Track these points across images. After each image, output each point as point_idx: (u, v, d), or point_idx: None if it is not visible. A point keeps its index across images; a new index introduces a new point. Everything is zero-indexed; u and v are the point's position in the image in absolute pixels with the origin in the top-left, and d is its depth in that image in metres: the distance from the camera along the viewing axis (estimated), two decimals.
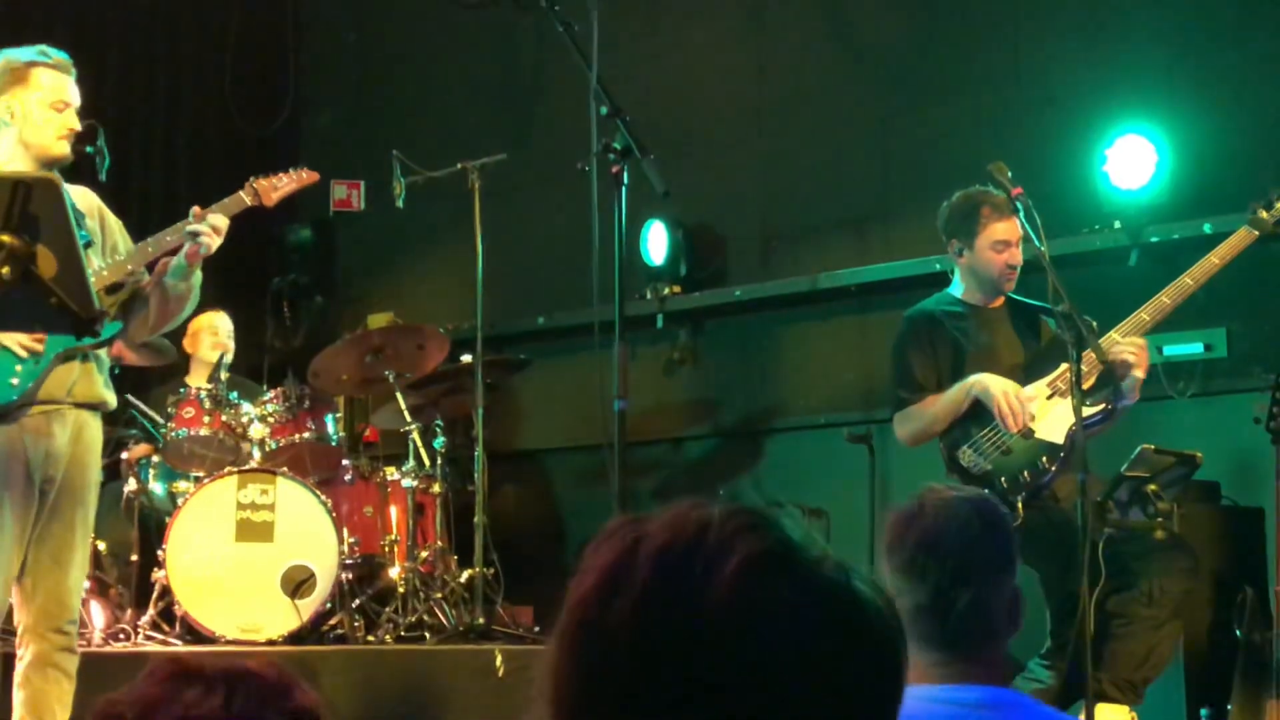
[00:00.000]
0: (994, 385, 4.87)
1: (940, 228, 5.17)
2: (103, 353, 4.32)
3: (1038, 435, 4.85)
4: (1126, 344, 4.80)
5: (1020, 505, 4.81)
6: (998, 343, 5.10)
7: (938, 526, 2.34)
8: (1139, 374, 4.82)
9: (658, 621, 1.02)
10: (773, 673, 1.01)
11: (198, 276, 4.34)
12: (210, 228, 4.26)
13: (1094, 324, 4.71)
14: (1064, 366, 4.83)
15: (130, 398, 6.61)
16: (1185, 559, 4.83)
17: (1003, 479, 4.87)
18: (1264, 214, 4.95)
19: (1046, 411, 4.87)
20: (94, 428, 4.31)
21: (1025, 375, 4.96)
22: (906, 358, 5.14)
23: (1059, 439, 4.82)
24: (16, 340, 4.09)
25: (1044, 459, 4.83)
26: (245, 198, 4.52)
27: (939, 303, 5.22)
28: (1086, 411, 4.73)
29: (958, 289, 5.21)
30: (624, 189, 4.19)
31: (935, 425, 5.02)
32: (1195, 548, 5.04)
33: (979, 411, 4.91)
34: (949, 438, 5.00)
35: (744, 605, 1.02)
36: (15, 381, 4.09)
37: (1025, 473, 4.84)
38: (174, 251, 4.31)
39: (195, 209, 4.33)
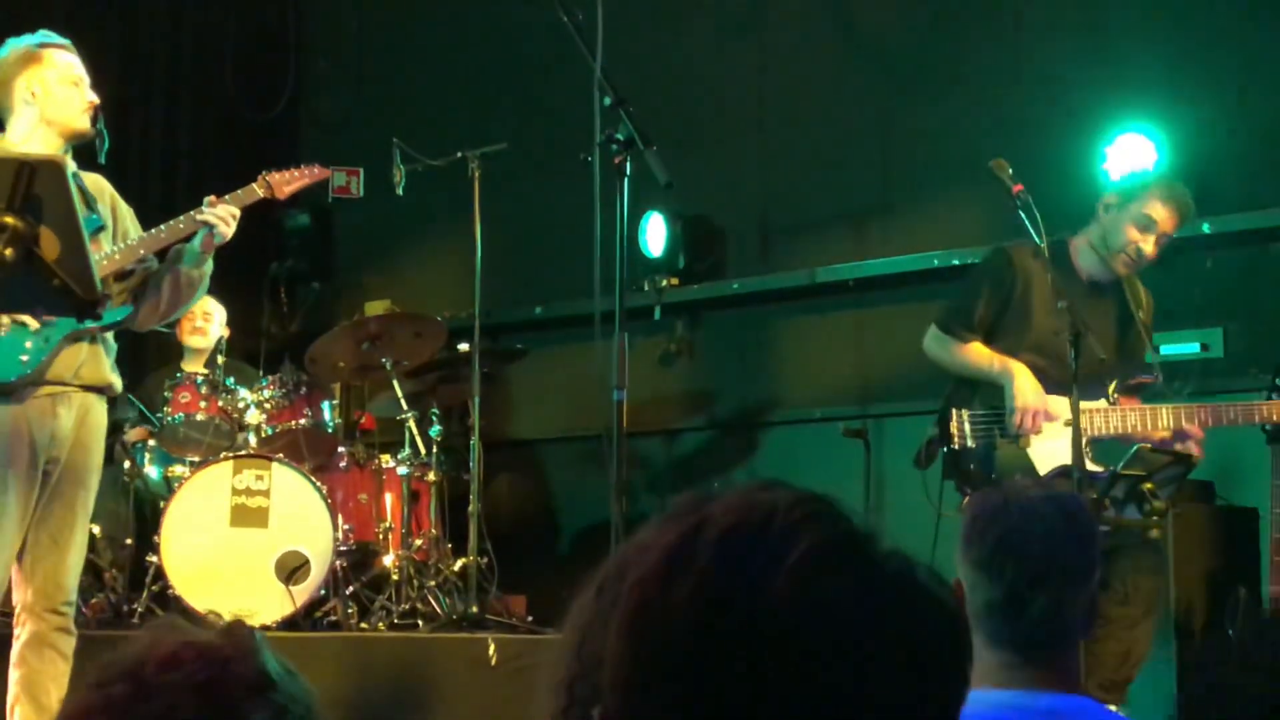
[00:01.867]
0: (1023, 395, 4.75)
1: (1109, 183, 4.95)
2: (110, 336, 4.35)
3: (1030, 450, 4.82)
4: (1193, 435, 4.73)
5: (966, 497, 4.81)
6: (1092, 325, 4.73)
7: (1022, 525, 2.27)
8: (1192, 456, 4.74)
9: (717, 607, 1.00)
10: (833, 665, 0.99)
11: (209, 264, 4.40)
12: (224, 217, 4.31)
13: (1157, 345, 4.67)
14: (1100, 403, 4.76)
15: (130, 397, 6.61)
16: (1152, 556, 4.81)
17: (972, 465, 4.84)
18: None
19: (1055, 435, 4.81)
20: (99, 411, 4.34)
21: (1086, 382, 4.66)
22: (979, 291, 4.99)
23: (1043, 468, 4.77)
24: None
25: (1017, 476, 4.74)
26: (258, 190, 4.57)
27: (1051, 249, 4.83)
28: (1089, 466, 4.66)
29: (1076, 244, 4.99)
30: (626, 180, 4.18)
31: (956, 370, 4.96)
32: (1188, 547, 5.05)
33: (995, 386, 4.84)
34: (955, 391, 4.94)
35: (806, 595, 1.00)
36: (25, 358, 4.11)
37: (992, 475, 4.82)
38: (185, 239, 4.35)
39: (210, 197, 4.37)
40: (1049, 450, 4.80)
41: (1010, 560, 2.26)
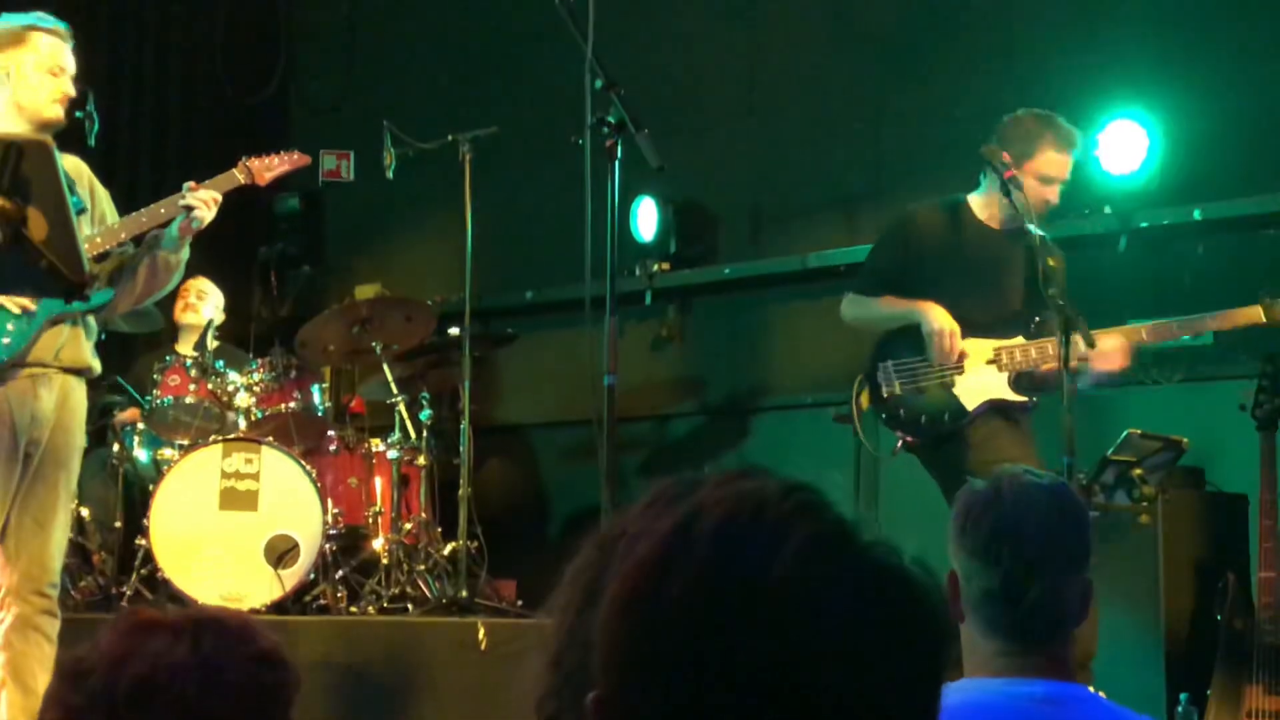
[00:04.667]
0: (936, 321, 4.82)
1: (996, 133, 4.94)
2: (91, 319, 4.33)
3: (956, 390, 4.85)
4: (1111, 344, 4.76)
5: (901, 441, 4.93)
6: (998, 271, 4.95)
7: (1016, 513, 2.28)
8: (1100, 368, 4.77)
9: (715, 597, 1.02)
10: (824, 653, 1.01)
11: (186, 250, 4.38)
12: (204, 201, 4.30)
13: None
14: (1019, 339, 4.85)
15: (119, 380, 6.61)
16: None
17: (902, 411, 4.91)
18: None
19: (978, 373, 4.86)
20: (79, 393, 4.33)
21: (1002, 326, 4.91)
22: (886, 252, 5.12)
23: (971, 404, 4.83)
24: (10, 299, 4.10)
25: (947, 415, 4.84)
26: (239, 176, 4.56)
27: (950, 208, 5.05)
28: (1011, 397, 4.77)
29: (976, 200, 5.04)
30: (618, 164, 4.17)
31: (875, 325, 5.07)
32: (1177, 533, 5.06)
33: (917, 336, 4.89)
34: (879, 347, 5.02)
35: (803, 587, 1.01)
36: (7, 341, 4.10)
37: (924, 418, 4.87)
38: (165, 223, 4.33)
39: (190, 184, 4.35)
40: (972, 386, 4.86)
41: (1006, 548, 2.26)
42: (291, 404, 6.40)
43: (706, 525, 1.05)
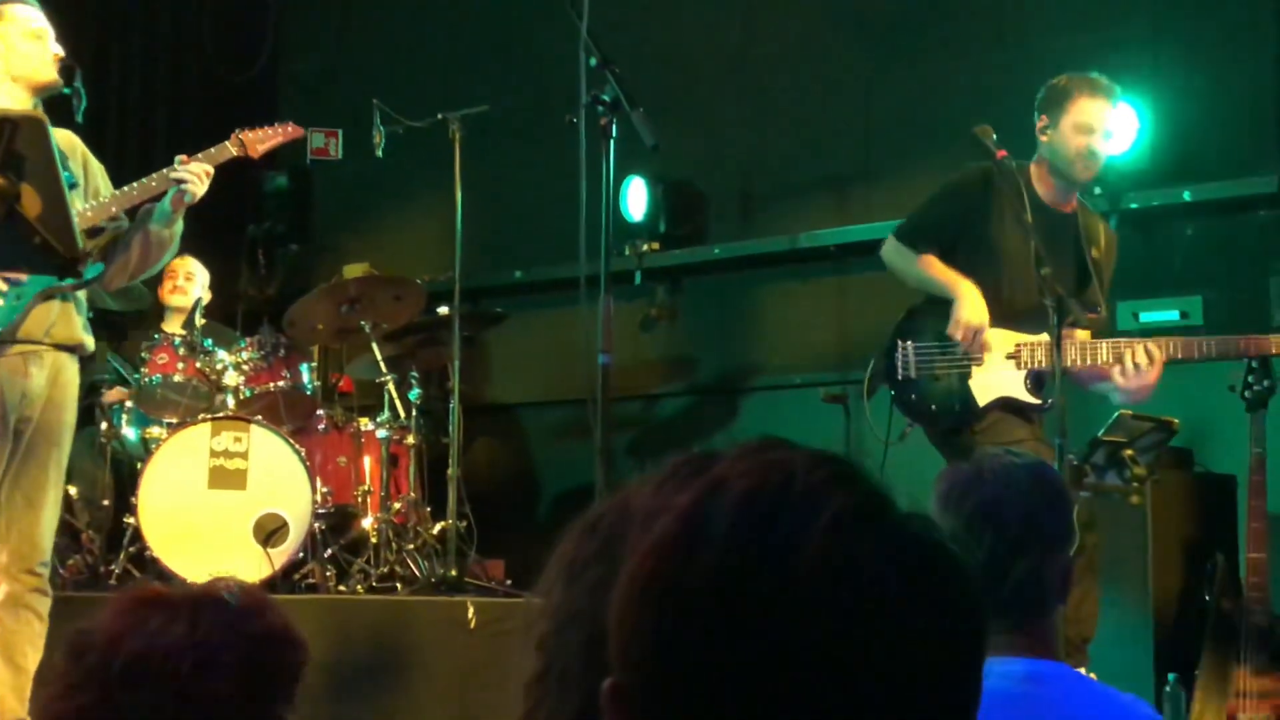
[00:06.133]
0: (968, 313, 4.72)
1: (1035, 105, 4.86)
2: (82, 295, 4.32)
3: (970, 382, 4.81)
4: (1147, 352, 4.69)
5: (909, 427, 4.87)
6: (1045, 251, 4.56)
7: (998, 493, 2.28)
8: (1121, 382, 4.75)
9: (745, 573, 0.95)
10: (862, 629, 0.94)
11: (179, 224, 4.36)
12: (195, 174, 4.27)
13: (1108, 285, 4.65)
14: (1041, 336, 4.75)
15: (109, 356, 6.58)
16: (1081, 511, 4.81)
17: (914, 395, 4.86)
18: None
19: (995, 367, 4.83)
20: (71, 370, 4.31)
21: (1032, 316, 4.70)
22: (943, 208, 4.94)
23: (982, 400, 4.78)
24: None
25: (957, 407, 4.80)
26: (231, 148, 4.54)
27: (1015, 173, 4.73)
28: (1025, 398, 4.74)
29: (1035, 169, 4.87)
30: (612, 143, 4.16)
31: (910, 280, 4.96)
32: (1166, 515, 5.06)
33: (944, 319, 4.80)
34: (903, 323, 4.93)
35: (836, 562, 0.95)
36: None
37: (934, 406, 4.84)
38: (157, 197, 4.32)
39: (181, 156, 4.33)
40: (987, 382, 4.80)
41: (989, 528, 2.26)
42: (280, 383, 6.39)
43: (730, 498, 0.98)
